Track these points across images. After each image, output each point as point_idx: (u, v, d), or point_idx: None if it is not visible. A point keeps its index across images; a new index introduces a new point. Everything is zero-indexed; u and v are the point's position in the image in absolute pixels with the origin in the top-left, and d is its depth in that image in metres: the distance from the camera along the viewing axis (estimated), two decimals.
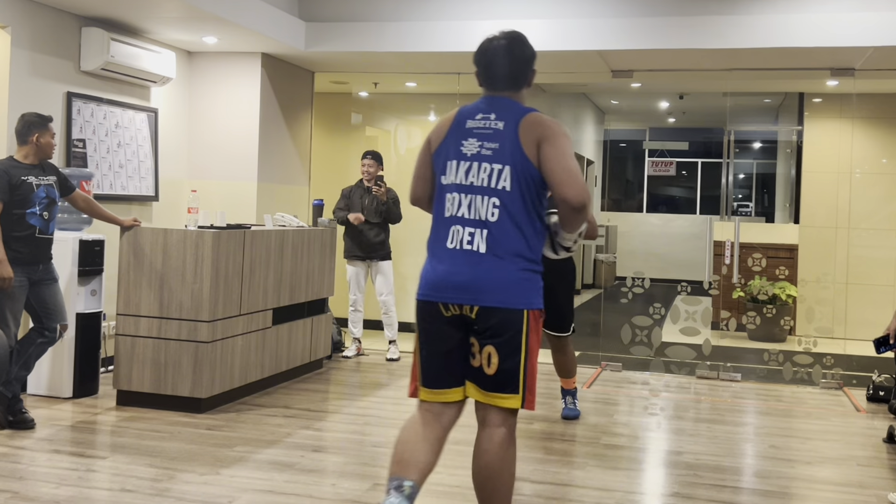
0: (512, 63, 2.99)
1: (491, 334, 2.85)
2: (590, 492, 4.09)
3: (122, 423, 5.03)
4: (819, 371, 7.01)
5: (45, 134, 4.85)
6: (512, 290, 2.84)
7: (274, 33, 6.70)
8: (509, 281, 2.83)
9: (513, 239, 2.84)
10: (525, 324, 2.86)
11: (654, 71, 7.74)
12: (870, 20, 6.26)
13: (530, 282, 2.87)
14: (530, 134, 2.86)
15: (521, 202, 2.85)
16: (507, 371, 2.85)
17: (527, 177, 2.85)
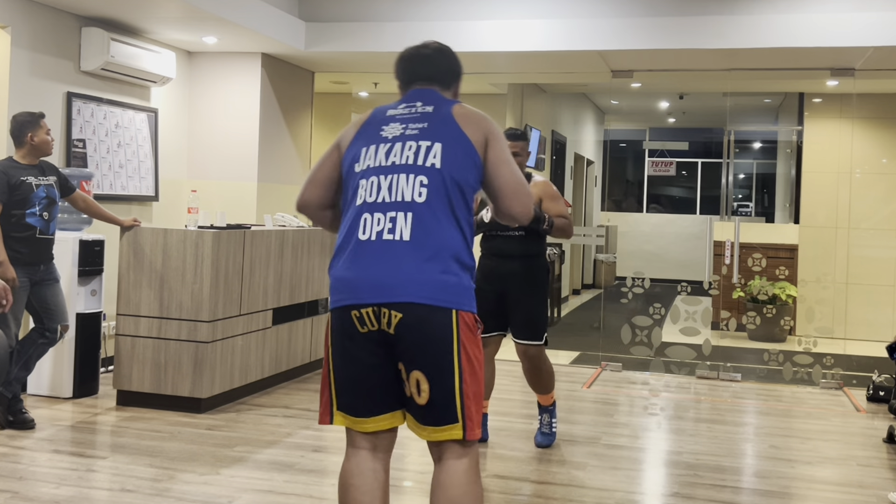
0: (442, 61, 2.67)
1: (415, 352, 2.35)
2: (590, 492, 4.09)
3: (122, 423, 5.03)
4: (819, 371, 7.01)
5: (39, 131, 4.84)
6: (437, 287, 2.35)
7: (274, 33, 6.70)
8: (436, 280, 2.35)
9: (445, 228, 2.39)
10: (455, 330, 2.35)
11: (654, 71, 7.74)
12: (870, 20, 6.26)
13: (462, 283, 2.39)
14: (473, 121, 2.50)
15: (454, 188, 2.42)
16: (440, 399, 2.36)
17: (465, 159, 2.44)
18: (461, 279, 2.39)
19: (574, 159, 12.71)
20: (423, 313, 2.34)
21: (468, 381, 2.37)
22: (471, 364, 2.38)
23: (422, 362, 2.35)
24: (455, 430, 2.37)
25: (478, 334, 2.42)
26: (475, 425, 2.38)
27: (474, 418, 2.38)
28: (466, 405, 2.37)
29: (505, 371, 7.11)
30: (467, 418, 2.37)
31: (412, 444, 4.89)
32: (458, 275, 2.39)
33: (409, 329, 2.34)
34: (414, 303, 2.33)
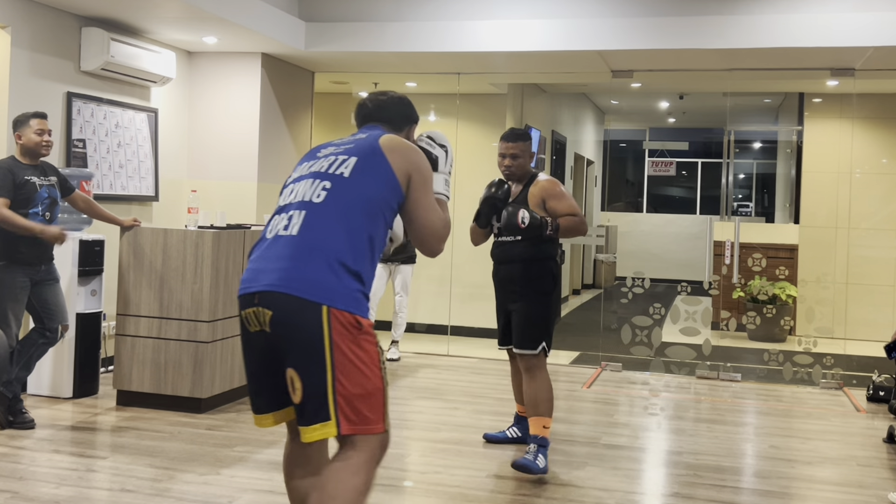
0: (397, 107, 2.86)
1: (288, 348, 2.38)
2: (590, 492, 4.09)
3: (122, 423, 5.03)
4: (819, 371, 7.01)
5: (27, 130, 4.82)
6: (309, 282, 2.37)
7: (274, 33, 6.70)
8: (310, 275, 2.39)
9: (335, 231, 2.44)
10: (325, 327, 2.34)
11: (654, 71, 7.74)
12: (870, 20, 6.26)
13: (341, 283, 2.40)
14: (399, 150, 2.59)
15: (357, 196, 2.48)
16: (312, 397, 2.36)
17: (377, 175, 2.53)
18: (341, 280, 2.40)
19: (574, 159, 12.71)
20: (291, 307, 2.37)
21: (343, 381, 2.36)
22: (350, 363, 2.37)
23: (294, 359, 2.38)
24: (328, 428, 2.37)
25: (364, 336, 2.40)
26: (354, 422, 2.37)
27: (352, 417, 2.37)
28: (340, 403, 2.36)
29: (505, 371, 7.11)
30: (341, 415, 2.36)
31: (412, 444, 4.89)
32: (338, 275, 2.40)
33: (281, 325, 2.39)
34: (280, 292, 2.38)
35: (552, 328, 4.44)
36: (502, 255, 4.51)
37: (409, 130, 2.89)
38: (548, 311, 4.41)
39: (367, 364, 2.42)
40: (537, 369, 4.34)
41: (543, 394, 4.31)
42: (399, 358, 7.44)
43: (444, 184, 2.77)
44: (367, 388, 2.40)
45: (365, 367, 2.41)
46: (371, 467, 2.43)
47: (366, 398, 2.40)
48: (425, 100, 9.44)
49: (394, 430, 5.19)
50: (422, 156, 2.64)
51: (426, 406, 5.82)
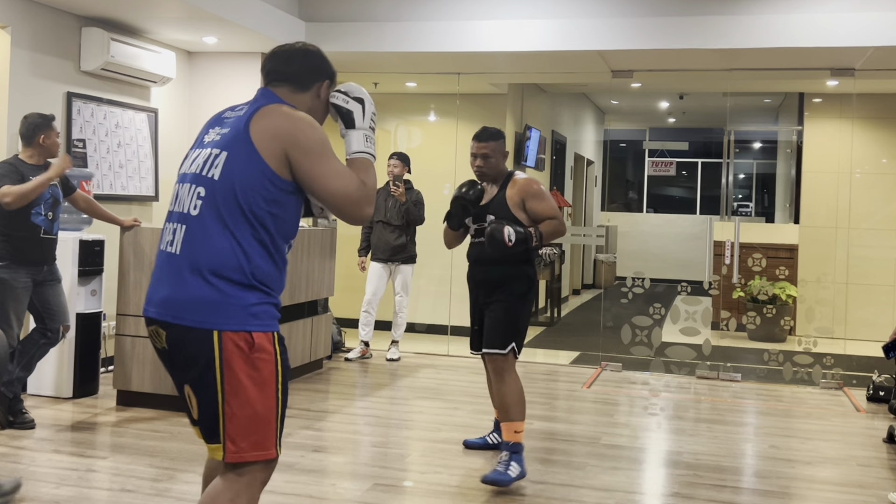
0: (303, 59, 2.57)
1: (182, 366, 2.33)
2: (590, 492, 4.09)
3: (122, 423, 5.03)
4: (819, 371, 7.01)
5: (51, 134, 4.85)
6: (195, 307, 2.27)
7: (274, 33, 6.70)
8: (195, 298, 2.27)
9: (216, 244, 2.29)
10: (216, 351, 2.25)
11: (654, 71, 7.74)
12: (870, 20, 6.26)
13: (228, 301, 2.27)
14: (269, 132, 2.35)
15: (232, 201, 2.31)
16: (205, 416, 2.31)
17: (248, 169, 2.32)
18: (229, 297, 2.28)
19: (574, 159, 12.71)
20: (181, 334, 2.29)
21: (232, 404, 2.26)
22: (240, 385, 2.26)
23: (189, 378, 2.33)
24: (217, 451, 2.30)
25: (258, 355, 2.28)
26: (242, 449, 2.27)
27: (239, 442, 2.27)
28: (228, 428, 2.27)
29: None
30: (228, 440, 2.27)
31: (412, 445, 4.89)
32: (227, 293, 2.28)
33: (174, 346, 2.33)
34: (169, 323, 2.30)
35: (524, 331, 4.29)
36: (479, 255, 4.33)
37: (320, 87, 2.57)
38: (520, 313, 4.25)
39: (261, 385, 2.28)
40: (506, 371, 4.18)
41: (513, 397, 4.14)
42: (399, 358, 7.44)
43: (365, 140, 2.52)
44: (257, 411, 2.28)
45: (257, 390, 2.28)
46: (252, 492, 2.33)
47: (256, 422, 2.29)
48: (425, 100, 9.44)
49: (394, 429, 5.20)
50: (298, 123, 2.37)
51: (426, 406, 5.82)
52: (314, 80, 2.57)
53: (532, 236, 4.15)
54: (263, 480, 2.36)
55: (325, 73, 2.60)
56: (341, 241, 7.35)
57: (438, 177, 8.51)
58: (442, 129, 8.99)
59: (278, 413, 2.33)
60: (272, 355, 2.31)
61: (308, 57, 2.59)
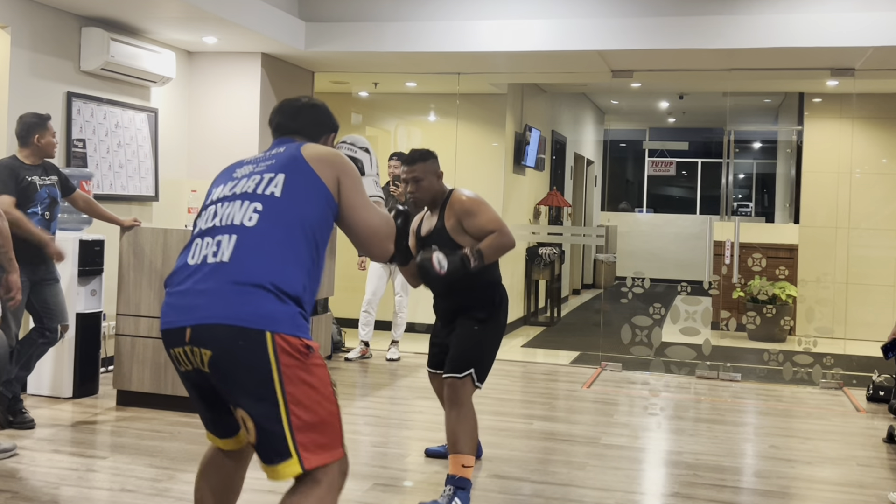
0: (311, 114, 2.71)
1: (232, 386, 2.25)
2: (590, 492, 4.09)
3: (122, 423, 5.03)
4: (819, 371, 7.01)
5: (46, 134, 4.86)
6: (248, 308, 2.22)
7: (274, 33, 6.70)
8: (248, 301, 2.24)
9: (270, 254, 2.30)
10: (271, 353, 2.19)
11: (654, 71, 7.74)
12: (870, 20, 6.25)
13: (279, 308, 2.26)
14: (324, 159, 2.45)
15: (293, 216, 2.35)
16: (268, 436, 2.23)
17: (309, 191, 2.39)
18: (279, 304, 2.25)
19: (574, 159, 12.71)
20: (230, 339, 2.21)
21: (297, 413, 2.22)
22: (302, 393, 2.23)
23: (242, 399, 2.23)
24: (292, 467, 2.26)
25: (313, 360, 2.26)
26: (319, 453, 2.26)
27: (312, 449, 2.25)
28: (298, 438, 2.23)
29: (504, 371, 7.12)
30: (301, 447, 2.24)
31: (412, 445, 4.89)
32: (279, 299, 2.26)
33: (222, 363, 2.23)
34: (217, 324, 2.22)
35: (487, 359, 3.90)
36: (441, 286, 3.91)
37: (327, 139, 2.73)
38: (483, 338, 3.88)
39: (320, 390, 2.27)
40: (460, 400, 3.80)
41: (464, 428, 3.78)
42: (399, 358, 7.44)
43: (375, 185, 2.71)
44: (322, 416, 2.27)
45: (318, 395, 2.26)
46: (334, 496, 2.33)
47: (323, 426, 2.27)
48: (425, 100, 9.44)
49: (394, 429, 5.19)
50: (349, 163, 2.51)
51: (426, 406, 5.82)
52: (320, 133, 2.71)
53: (469, 258, 3.70)
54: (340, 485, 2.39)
55: (330, 127, 2.74)
56: (341, 241, 7.34)
57: None
58: (442, 129, 8.99)
59: (339, 414, 2.34)
60: (322, 360, 2.32)
61: (314, 111, 2.73)
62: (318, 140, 2.68)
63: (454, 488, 3.74)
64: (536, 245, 9.92)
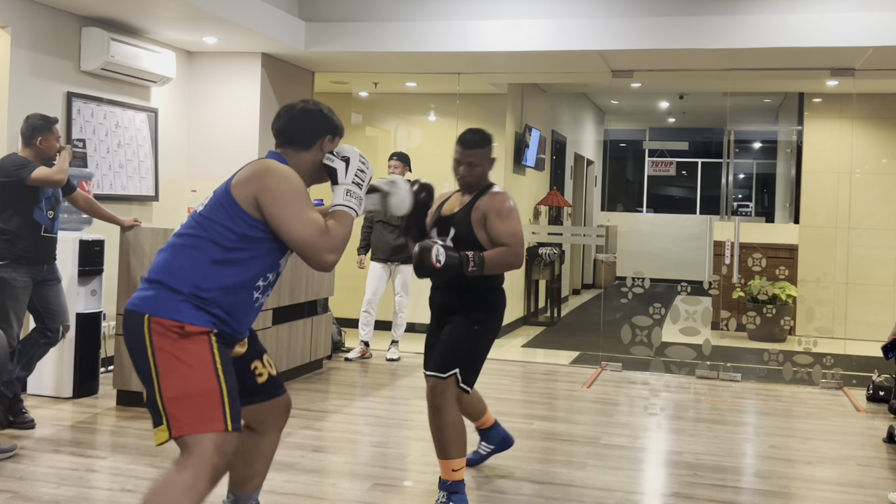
0: (300, 120, 2.85)
1: (130, 357, 2.63)
2: (590, 492, 4.09)
3: (122, 423, 5.03)
4: (819, 371, 7.01)
5: (49, 138, 4.85)
6: (142, 296, 2.61)
7: (274, 33, 6.70)
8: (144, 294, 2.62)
9: (184, 260, 2.64)
10: (147, 334, 2.54)
11: (654, 71, 7.74)
12: (870, 20, 6.26)
13: (165, 295, 2.58)
14: (244, 179, 2.67)
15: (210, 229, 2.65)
16: (150, 403, 2.56)
17: (221, 210, 2.67)
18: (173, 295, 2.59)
19: (574, 159, 12.71)
20: (124, 321, 2.64)
21: (167, 384, 2.52)
22: (171, 366, 2.53)
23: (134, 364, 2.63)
24: (163, 432, 2.54)
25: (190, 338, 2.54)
26: (183, 423, 2.50)
27: (180, 417, 2.51)
28: (168, 407, 2.51)
29: (504, 371, 7.12)
30: (171, 417, 2.51)
31: (412, 444, 4.89)
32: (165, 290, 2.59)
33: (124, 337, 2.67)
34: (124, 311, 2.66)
35: (474, 362, 3.78)
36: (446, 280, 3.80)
37: (323, 143, 2.85)
38: (471, 339, 3.75)
39: (193, 366, 2.54)
40: (443, 402, 3.68)
41: (449, 433, 3.67)
42: (399, 358, 7.44)
43: (345, 194, 2.76)
44: (194, 390, 2.53)
45: (191, 370, 2.53)
46: (200, 468, 2.49)
47: (196, 398, 2.52)
48: (425, 100, 9.44)
49: (394, 429, 5.19)
50: (275, 178, 2.65)
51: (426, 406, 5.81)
52: (315, 137, 2.84)
53: (469, 262, 3.59)
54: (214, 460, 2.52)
55: (325, 130, 2.86)
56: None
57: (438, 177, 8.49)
58: (442, 129, 8.99)
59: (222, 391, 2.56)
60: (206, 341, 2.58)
61: (307, 116, 2.85)
62: (314, 145, 2.83)
63: (447, 494, 3.70)
64: (536, 245, 9.92)
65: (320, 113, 2.86)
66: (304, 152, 2.83)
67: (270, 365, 3.07)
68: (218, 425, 2.52)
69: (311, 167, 2.83)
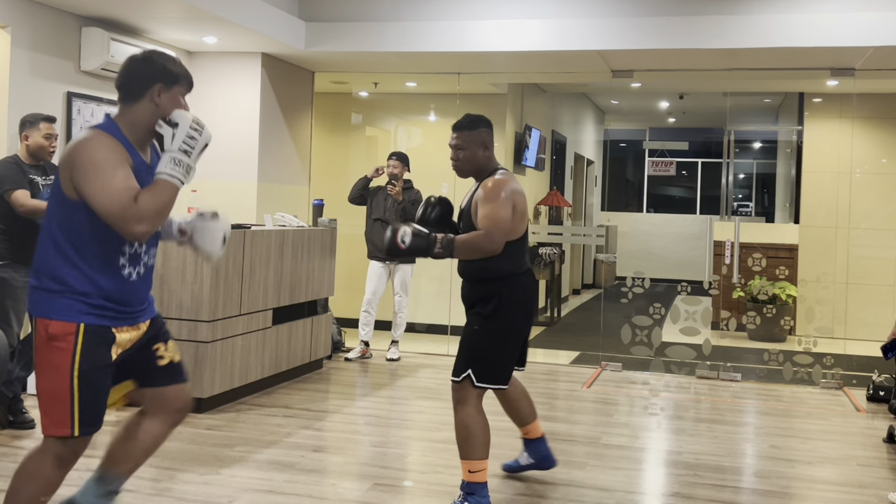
0: (123, 72, 2.77)
1: None
2: (590, 492, 4.09)
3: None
4: (819, 371, 7.01)
5: (35, 133, 4.85)
6: (33, 298, 2.71)
7: (274, 33, 6.70)
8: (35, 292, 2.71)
9: (44, 254, 2.70)
10: (34, 334, 2.70)
11: (654, 71, 7.74)
12: (870, 20, 6.26)
13: (40, 291, 2.68)
14: (62, 162, 2.66)
15: (56, 218, 2.68)
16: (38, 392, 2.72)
17: (58, 196, 2.68)
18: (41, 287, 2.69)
19: (574, 159, 12.71)
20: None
21: (37, 381, 2.69)
22: (40, 367, 2.68)
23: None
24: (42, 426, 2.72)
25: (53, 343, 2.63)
26: (50, 422, 2.68)
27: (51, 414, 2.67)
28: (43, 401, 2.69)
29: None
30: (43, 413, 2.70)
31: (412, 444, 4.90)
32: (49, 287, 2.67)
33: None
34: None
35: (488, 357, 3.76)
36: (460, 271, 3.86)
37: (154, 92, 2.74)
38: (481, 336, 3.74)
39: (54, 369, 2.64)
40: (459, 402, 3.73)
41: (464, 433, 3.70)
42: (399, 358, 7.44)
43: (171, 162, 2.64)
44: (47, 389, 2.66)
45: (50, 372, 2.65)
46: (44, 465, 2.76)
47: (48, 398, 2.67)
48: (425, 100, 9.44)
49: (394, 429, 5.19)
50: (76, 147, 2.62)
51: (426, 406, 5.82)
52: (143, 87, 2.72)
53: (435, 242, 3.57)
54: (58, 460, 2.79)
55: (154, 78, 2.73)
56: (341, 240, 7.36)
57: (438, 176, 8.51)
58: (442, 129, 8.98)
59: (73, 397, 2.66)
60: (67, 345, 2.63)
61: (131, 66, 2.73)
62: (143, 96, 2.73)
63: (463, 494, 3.72)
64: (536, 245, 9.92)
65: (148, 59, 2.74)
66: (135, 104, 2.72)
67: (174, 351, 3.01)
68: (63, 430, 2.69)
69: (146, 121, 2.71)
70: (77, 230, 2.65)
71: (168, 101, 2.76)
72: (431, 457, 4.62)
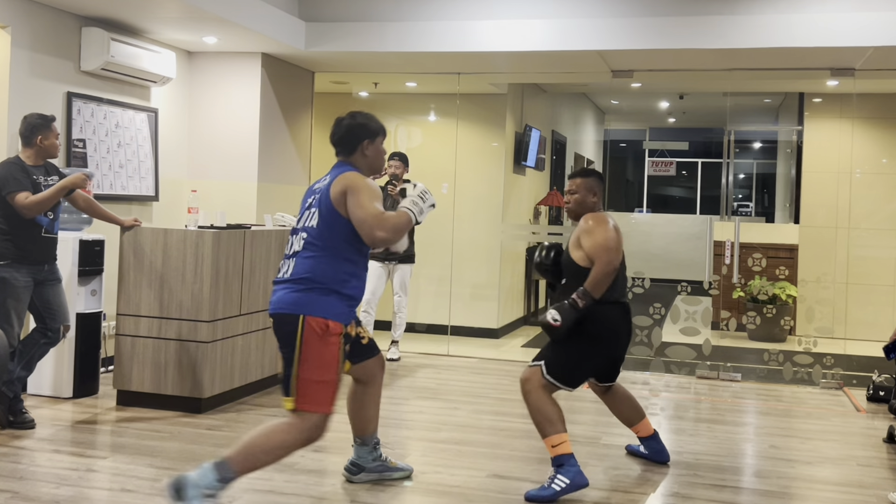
0: (338, 131, 3.62)
1: (279, 341, 3.44)
2: (590, 492, 4.08)
3: (122, 423, 5.03)
4: (819, 371, 7.01)
5: (49, 135, 4.86)
6: (293, 299, 3.38)
7: (274, 33, 6.70)
8: (295, 295, 3.39)
9: (307, 263, 3.42)
10: (300, 329, 3.34)
11: (654, 71, 7.74)
12: (870, 20, 6.26)
13: (315, 293, 3.39)
14: (337, 187, 3.44)
15: (324, 236, 3.44)
16: (285, 376, 3.40)
17: (331, 218, 3.43)
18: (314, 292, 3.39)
19: (574, 159, 12.71)
20: (277, 316, 3.44)
21: (306, 369, 3.36)
22: (311, 356, 3.36)
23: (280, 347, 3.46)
24: (288, 402, 3.41)
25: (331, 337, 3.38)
26: (307, 403, 3.38)
27: (307, 398, 3.38)
28: (301, 386, 3.37)
29: (504, 371, 7.12)
30: (300, 396, 3.38)
31: (412, 444, 4.90)
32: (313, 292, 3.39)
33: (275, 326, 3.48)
34: (274, 312, 3.46)
35: (563, 359, 4.12)
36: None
37: (365, 145, 3.61)
38: (568, 342, 4.09)
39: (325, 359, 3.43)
40: (528, 387, 4.11)
41: (538, 416, 4.08)
42: (399, 358, 7.44)
43: (411, 203, 3.52)
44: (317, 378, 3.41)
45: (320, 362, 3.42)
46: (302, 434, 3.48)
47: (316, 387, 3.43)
48: (425, 100, 9.44)
49: (394, 429, 5.19)
50: (359, 179, 3.45)
51: (426, 406, 5.82)
52: (358, 142, 3.60)
53: (577, 302, 4.02)
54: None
55: (367, 133, 3.61)
56: None
57: (438, 177, 8.51)
58: (442, 129, 8.99)
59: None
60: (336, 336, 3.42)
61: (349, 129, 3.61)
62: (356, 149, 3.60)
63: (555, 468, 4.03)
64: (536, 245, 9.92)
65: (356, 121, 3.61)
66: (352, 156, 3.62)
67: (366, 331, 3.95)
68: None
69: (361, 167, 3.59)
70: (350, 237, 3.46)
71: (373, 153, 3.67)
72: (431, 457, 4.62)
